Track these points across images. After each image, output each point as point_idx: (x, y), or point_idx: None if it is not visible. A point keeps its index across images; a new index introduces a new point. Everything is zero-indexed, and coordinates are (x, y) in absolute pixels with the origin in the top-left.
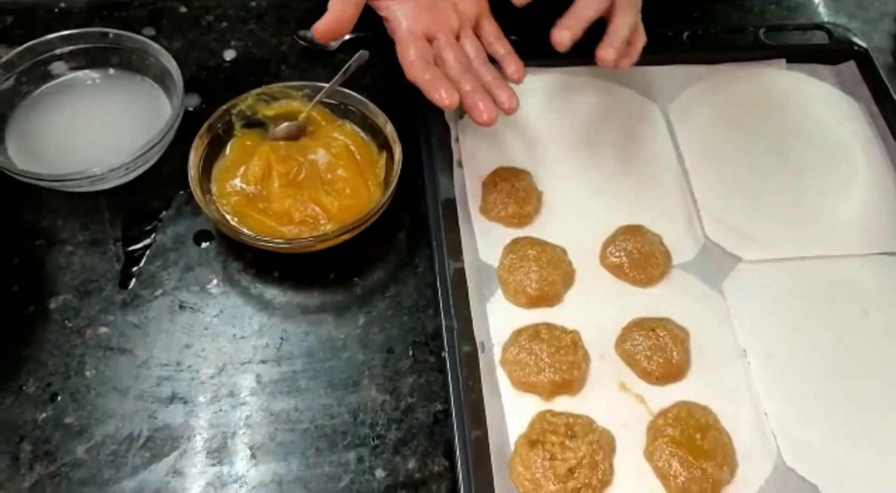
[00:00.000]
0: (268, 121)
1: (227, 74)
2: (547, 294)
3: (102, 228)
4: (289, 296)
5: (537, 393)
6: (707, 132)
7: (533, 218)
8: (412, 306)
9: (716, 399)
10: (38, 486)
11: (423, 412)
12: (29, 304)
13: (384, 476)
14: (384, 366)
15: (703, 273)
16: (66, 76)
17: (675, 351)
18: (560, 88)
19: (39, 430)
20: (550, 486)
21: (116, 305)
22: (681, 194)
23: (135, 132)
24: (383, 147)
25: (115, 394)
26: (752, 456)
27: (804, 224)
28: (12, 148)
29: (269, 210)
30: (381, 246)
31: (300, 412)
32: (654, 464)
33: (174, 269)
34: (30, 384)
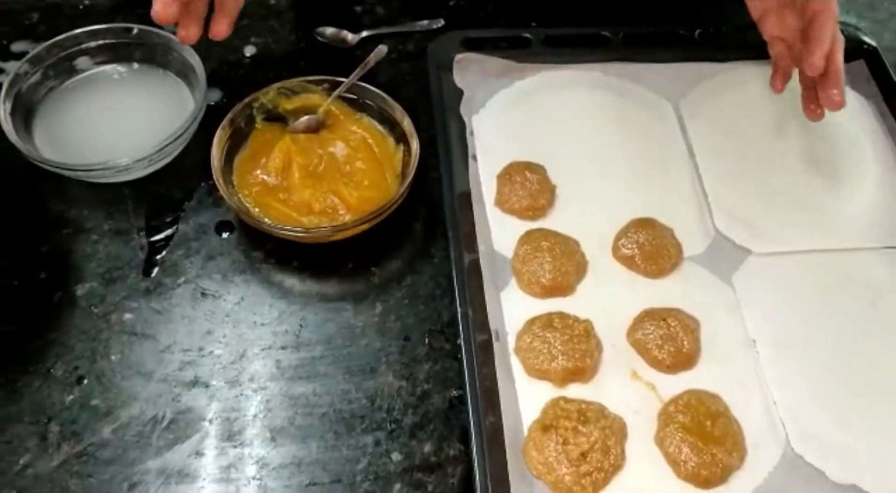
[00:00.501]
0: (288, 114)
1: (247, 70)
2: (560, 284)
3: (126, 217)
4: (308, 285)
5: (550, 380)
6: (717, 128)
7: (547, 211)
8: (428, 296)
9: (725, 388)
10: (65, 465)
11: (439, 398)
12: (56, 290)
13: (401, 459)
14: (401, 353)
15: (713, 265)
16: (91, 70)
17: (686, 340)
18: (574, 83)
19: (67, 411)
20: (563, 469)
21: (140, 292)
22: (692, 189)
23: (158, 125)
24: (400, 140)
25: (140, 378)
26: (761, 443)
27: (813, 218)
28: (39, 139)
29: (289, 201)
30: (398, 237)
31: (319, 397)
32: (665, 450)
33: (196, 258)
34: (57, 367)
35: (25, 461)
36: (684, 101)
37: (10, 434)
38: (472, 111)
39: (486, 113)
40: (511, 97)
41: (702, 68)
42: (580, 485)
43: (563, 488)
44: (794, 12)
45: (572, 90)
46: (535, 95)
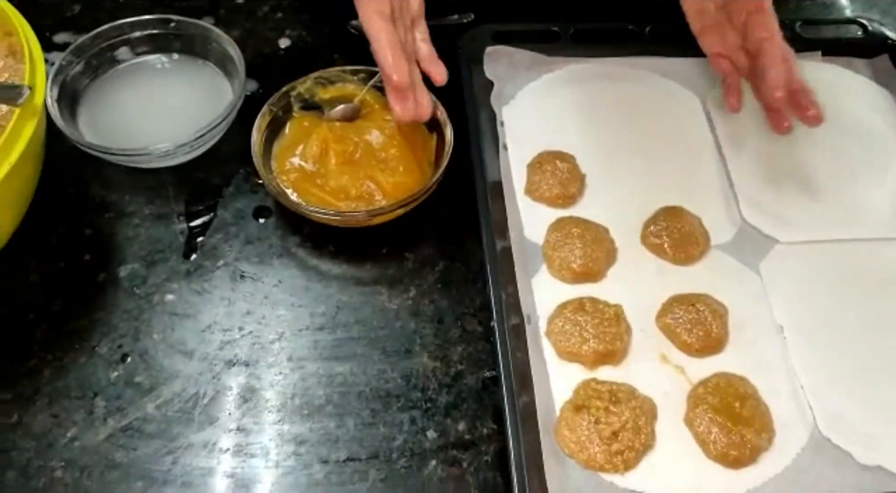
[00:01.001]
0: (324, 104)
1: (282, 62)
2: (591, 270)
3: (167, 202)
4: (344, 268)
5: (581, 363)
6: (744, 120)
7: (577, 199)
8: (460, 280)
9: (753, 371)
10: (111, 438)
11: (472, 379)
12: (100, 272)
13: (436, 437)
14: (435, 335)
15: (740, 254)
16: (133, 61)
17: (715, 325)
18: (601, 76)
19: (112, 387)
20: (595, 448)
21: (181, 274)
22: (719, 179)
23: (197, 114)
24: (433, 129)
25: (181, 356)
26: (789, 425)
27: (839, 208)
28: (83, 126)
29: (326, 186)
30: (431, 223)
31: (355, 376)
32: (695, 430)
33: (235, 242)
34: (102, 345)
35: (73, 434)
36: (712, 94)
37: (57, 408)
38: (502, 102)
39: (515, 104)
40: (540, 89)
41: None
42: (612, 463)
43: (595, 465)
44: (734, 29)
45: (600, 83)
46: (564, 87)
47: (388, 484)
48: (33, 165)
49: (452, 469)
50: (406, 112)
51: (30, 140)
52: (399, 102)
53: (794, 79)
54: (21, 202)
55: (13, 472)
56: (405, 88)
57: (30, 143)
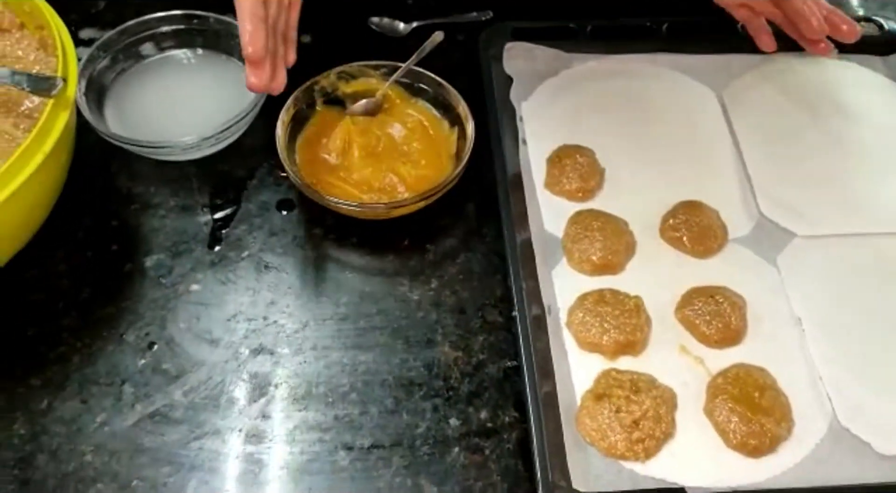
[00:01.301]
0: (346, 98)
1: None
2: (610, 262)
3: (191, 195)
4: (366, 260)
5: (602, 353)
6: (761, 116)
7: (596, 193)
8: (481, 272)
9: (772, 363)
10: (139, 424)
11: (494, 368)
12: (126, 262)
13: (458, 425)
14: (456, 325)
15: (758, 247)
16: (157, 56)
17: (734, 317)
18: (619, 73)
19: (139, 374)
20: (616, 436)
21: (206, 264)
22: (736, 174)
23: (221, 108)
24: (454, 124)
25: (207, 344)
26: (808, 416)
27: (856, 203)
28: (110, 119)
29: (349, 179)
30: (452, 217)
31: (378, 365)
32: (714, 420)
33: (259, 233)
34: (129, 333)
35: (102, 419)
36: (728, 90)
37: (86, 394)
38: (521, 98)
39: (534, 100)
40: (559, 85)
41: (745, 59)
42: (632, 451)
43: (617, 453)
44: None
45: (618, 79)
46: (582, 83)
47: (412, 470)
48: (65, 155)
49: (475, 456)
50: (258, 81)
51: (63, 131)
52: (252, 72)
53: (821, 4)
54: (53, 192)
55: (44, 456)
56: (258, 60)
57: (63, 133)
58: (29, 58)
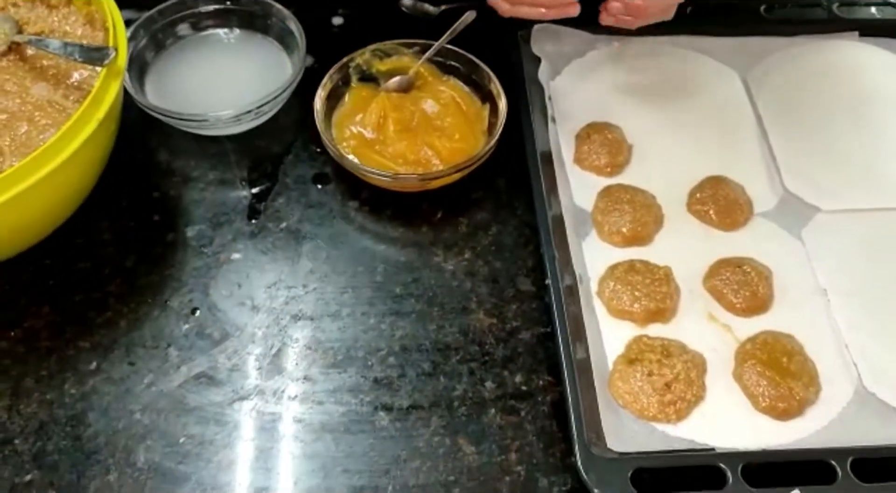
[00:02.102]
0: (380, 75)
1: (336, 39)
2: (640, 234)
3: (230, 168)
4: (401, 232)
5: (632, 320)
6: (784, 96)
7: (624, 168)
8: (513, 244)
9: (799, 330)
10: (185, 384)
11: (528, 334)
12: (169, 232)
13: (494, 388)
14: (490, 294)
15: (783, 221)
16: (195, 35)
17: (761, 286)
18: (644, 54)
19: (184, 338)
20: (648, 399)
21: (246, 235)
22: (760, 151)
23: (257, 86)
24: (486, 101)
25: (249, 310)
26: (835, 381)
27: (878, 178)
28: (151, 96)
29: (385, 152)
30: (484, 191)
31: (415, 330)
32: (743, 384)
33: (296, 205)
34: (173, 300)
35: (149, 380)
36: (752, 72)
37: (133, 357)
38: (549, 78)
39: (562, 79)
40: (586, 66)
41: (768, 42)
42: (664, 413)
43: (649, 415)
44: None
45: (643, 60)
46: (608, 63)
47: (450, 430)
48: (114, 125)
49: (511, 417)
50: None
51: (115, 98)
52: None
53: None
54: (101, 162)
55: (95, 414)
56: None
57: (114, 101)
58: (76, 33)
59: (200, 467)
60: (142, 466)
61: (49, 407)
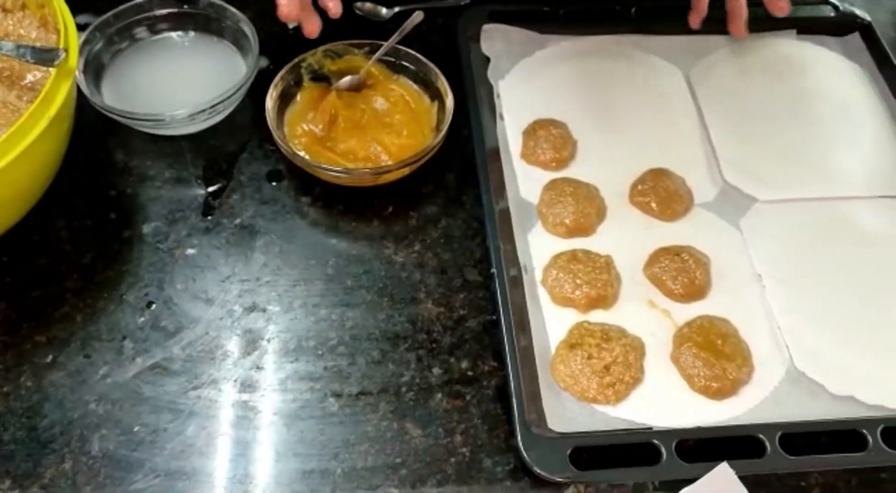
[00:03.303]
0: (332, 75)
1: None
2: (582, 225)
3: (186, 167)
4: (353, 226)
5: (575, 307)
6: (725, 92)
7: (569, 162)
8: (461, 236)
9: (734, 314)
10: (140, 375)
11: (474, 322)
12: (125, 229)
13: (440, 373)
14: (438, 284)
15: (721, 211)
16: (151, 38)
17: (698, 273)
18: (591, 53)
19: (139, 331)
20: (588, 381)
21: (201, 230)
22: (701, 144)
23: (212, 87)
24: (434, 98)
25: (203, 303)
26: (767, 361)
27: (814, 170)
28: (107, 97)
29: (335, 149)
30: (434, 185)
31: (365, 320)
32: (680, 366)
33: (250, 202)
34: (129, 294)
35: (104, 371)
36: (694, 69)
37: (89, 350)
38: (498, 76)
39: (510, 78)
40: (533, 64)
41: (709, 40)
42: (604, 394)
43: (589, 397)
44: None
45: (589, 59)
46: (555, 62)
47: (398, 414)
48: (66, 124)
49: (456, 401)
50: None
51: (65, 98)
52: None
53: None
54: (54, 160)
55: (50, 404)
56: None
57: (65, 102)
58: (31, 36)
59: (154, 454)
60: (96, 454)
61: (5, 399)
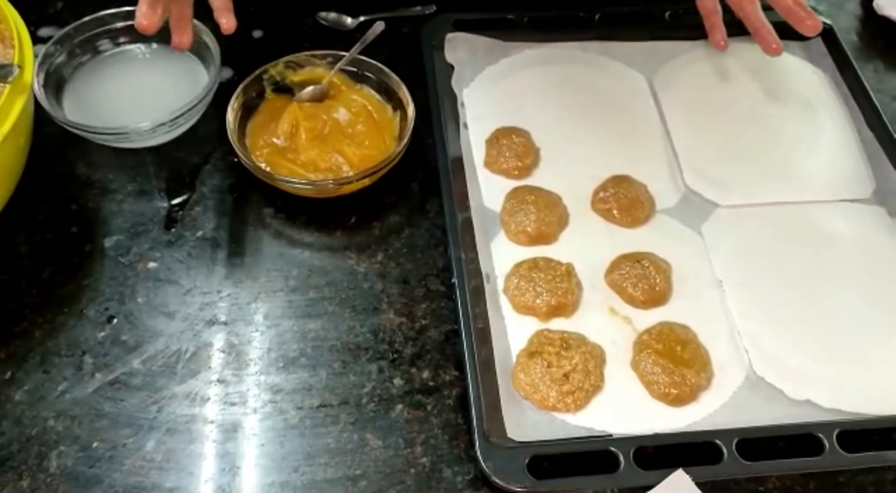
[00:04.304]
0: (294, 86)
1: (255, 51)
2: (544, 233)
3: (148, 180)
4: (315, 236)
5: (535, 315)
6: (687, 98)
7: (531, 170)
8: (425, 246)
9: (695, 320)
10: (99, 391)
11: (436, 332)
12: (86, 243)
13: (402, 384)
14: (401, 294)
15: (683, 217)
16: (113, 50)
17: (659, 279)
18: (555, 60)
19: (99, 346)
20: (547, 389)
21: (163, 243)
22: (664, 150)
23: (175, 99)
24: (397, 108)
25: (164, 317)
26: (727, 367)
27: (775, 174)
28: (69, 110)
29: (297, 160)
30: (397, 195)
31: (327, 331)
32: (640, 373)
33: (213, 214)
34: (90, 308)
35: (63, 387)
36: (657, 74)
37: (48, 365)
38: (462, 85)
39: (475, 86)
40: (498, 72)
41: (672, 46)
42: (563, 403)
43: (548, 405)
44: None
45: (553, 66)
46: (520, 70)
47: (358, 426)
48: (23, 139)
49: (417, 412)
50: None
51: (20, 115)
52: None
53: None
54: (12, 175)
55: (8, 422)
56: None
57: (20, 117)
58: None
59: (113, 469)
60: (54, 471)
61: None
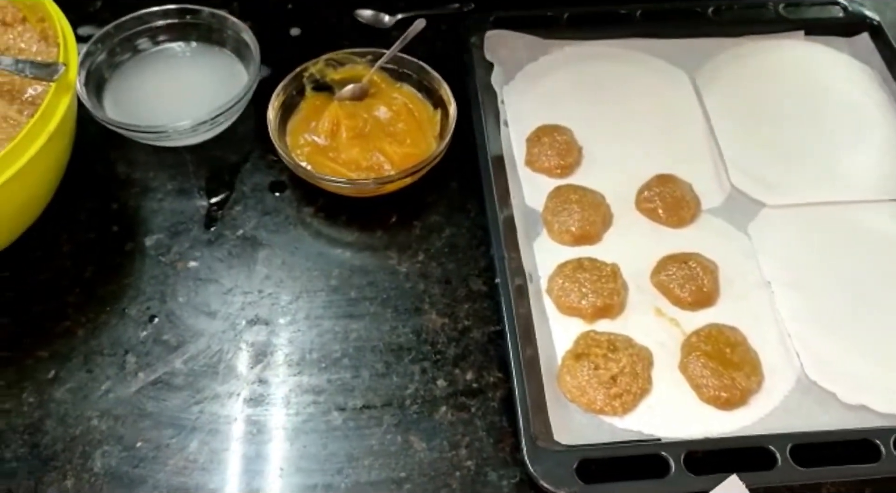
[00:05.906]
0: (334, 84)
1: (293, 49)
2: (588, 233)
3: (188, 179)
4: (356, 236)
5: (581, 317)
6: (732, 95)
7: (574, 169)
8: (466, 245)
9: (743, 322)
10: (142, 390)
11: (479, 333)
12: (127, 241)
13: (445, 386)
14: (443, 294)
15: (729, 217)
16: (153, 49)
17: (706, 280)
18: (595, 57)
19: (141, 345)
20: (595, 392)
21: (203, 243)
22: (708, 149)
23: (215, 97)
24: (437, 106)
25: (205, 316)
26: (777, 370)
27: (822, 174)
28: (109, 109)
29: (338, 159)
30: (438, 194)
31: (369, 332)
32: (689, 375)
33: (253, 213)
34: (131, 308)
35: (106, 387)
36: (700, 71)
37: (91, 365)
38: (502, 83)
39: (515, 84)
40: (538, 70)
41: (715, 42)
42: (611, 406)
43: (596, 408)
44: None
45: (594, 63)
46: (560, 68)
47: (402, 428)
48: (67, 138)
49: (461, 414)
50: None
51: (65, 113)
52: None
53: None
54: (55, 175)
55: (52, 421)
56: None
57: (65, 116)
58: (31, 49)
59: (156, 470)
60: (98, 471)
61: (7, 416)
